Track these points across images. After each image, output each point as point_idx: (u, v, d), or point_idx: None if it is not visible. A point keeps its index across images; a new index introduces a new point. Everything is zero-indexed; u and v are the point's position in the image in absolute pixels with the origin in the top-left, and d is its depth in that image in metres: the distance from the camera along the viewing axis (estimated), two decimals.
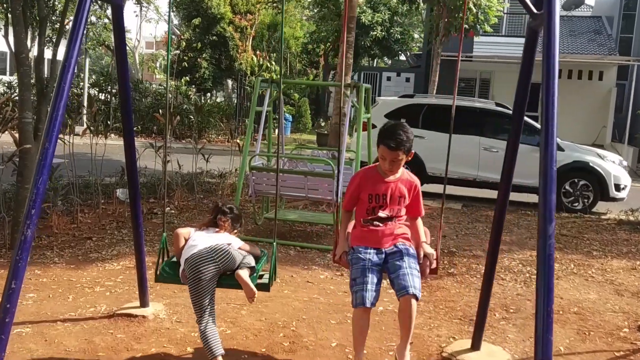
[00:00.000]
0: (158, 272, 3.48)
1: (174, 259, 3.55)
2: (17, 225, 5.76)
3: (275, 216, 3.67)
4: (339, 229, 3.47)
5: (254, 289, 3.30)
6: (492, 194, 10.71)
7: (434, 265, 3.34)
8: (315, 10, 24.87)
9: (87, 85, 19.08)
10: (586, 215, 9.63)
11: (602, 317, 4.71)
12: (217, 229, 3.55)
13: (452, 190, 10.52)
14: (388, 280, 3.24)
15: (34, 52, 6.38)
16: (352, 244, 3.33)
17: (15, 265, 2.57)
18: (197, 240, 3.42)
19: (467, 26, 18.15)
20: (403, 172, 3.32)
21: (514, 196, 10.58)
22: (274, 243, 3.49)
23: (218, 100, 24.53)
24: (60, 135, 7.18)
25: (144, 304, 4.14)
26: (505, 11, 20.77)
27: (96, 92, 19.91)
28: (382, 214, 3.27)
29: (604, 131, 22.05)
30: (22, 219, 5.65)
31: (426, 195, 6.38)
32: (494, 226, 3.71)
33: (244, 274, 3.32)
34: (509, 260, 6.34)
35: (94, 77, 20.24)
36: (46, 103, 5.95)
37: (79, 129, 9.42)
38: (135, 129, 18.33)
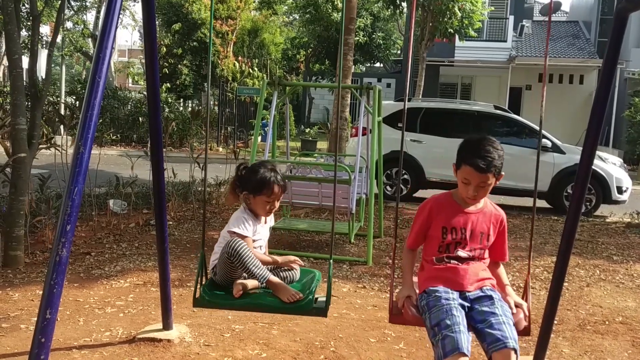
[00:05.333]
0: (198, 295, 2.87)
1: (214, 281, 2.96)
2: (10, 241, 5.30)
3: (332, 228, 3.16)
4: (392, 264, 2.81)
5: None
6: (492, 199, 10.50)
7: (525, 323, 2.60)
8: (297, 16, 24.56)
9: (63, 93, 18.47)
10: (590, 218, 9.45)
11: None
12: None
13: None
14: (473, 332, 2.50)
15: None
16: (423, 287, 2.62)
17: (49, 292, 2.16)
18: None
19: (451, 31, 18.10)
20: (486, 203, 2.71)
21: (511, 200, 10.48)
22: (330, 260, 2.97)
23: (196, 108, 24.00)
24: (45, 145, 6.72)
25: (167, 326, 3.72)
26: (486, 16, 20.77)
27: (73, 100, 19.28)
28: (462, 252, 2.61)
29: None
30: (16, 233, 5.26)
31: None
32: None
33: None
34: (532, 268, 6.07)
35: (69, 86, 19.61)
36: (40, 108, 5.50)
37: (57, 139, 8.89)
38: (114, 137, 17.89)
